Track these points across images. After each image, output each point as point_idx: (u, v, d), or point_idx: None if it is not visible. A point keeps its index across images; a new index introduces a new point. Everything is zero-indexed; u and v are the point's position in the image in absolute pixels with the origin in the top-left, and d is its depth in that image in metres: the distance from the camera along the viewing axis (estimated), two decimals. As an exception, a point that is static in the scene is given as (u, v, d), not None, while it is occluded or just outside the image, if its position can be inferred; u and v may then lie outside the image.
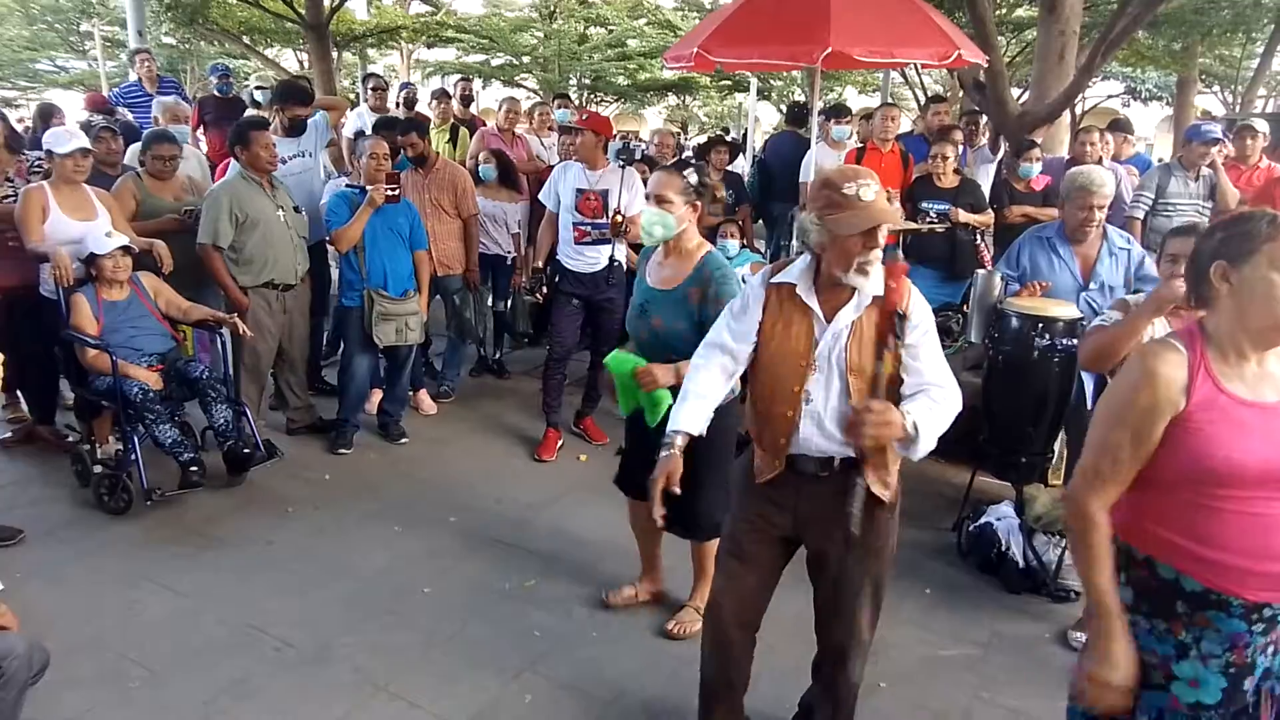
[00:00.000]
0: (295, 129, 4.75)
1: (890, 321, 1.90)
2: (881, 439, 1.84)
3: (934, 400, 1.92)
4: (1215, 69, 17.43)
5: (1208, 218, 4.76)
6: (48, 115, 5.75)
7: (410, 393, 4.86)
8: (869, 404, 1.83)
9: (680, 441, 2.07)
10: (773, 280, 2.07)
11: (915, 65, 7.87)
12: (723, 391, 2.15)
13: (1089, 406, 3.23)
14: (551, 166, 5.53)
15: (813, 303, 2.00)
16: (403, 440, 4.56)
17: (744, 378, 2.18)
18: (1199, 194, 4.91)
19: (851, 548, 2.02)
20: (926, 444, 1.88)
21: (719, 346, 2.12)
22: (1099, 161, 5.16)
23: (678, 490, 2.05)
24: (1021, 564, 3.29)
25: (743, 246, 5.14)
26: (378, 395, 4.72)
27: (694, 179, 2.67)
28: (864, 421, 1.81)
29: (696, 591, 2.95)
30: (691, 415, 2.10)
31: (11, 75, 21.67)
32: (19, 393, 4.54)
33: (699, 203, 2.66)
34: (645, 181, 4.95)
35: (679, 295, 2.63)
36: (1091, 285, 3.51)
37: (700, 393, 2.11)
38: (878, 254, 1.90)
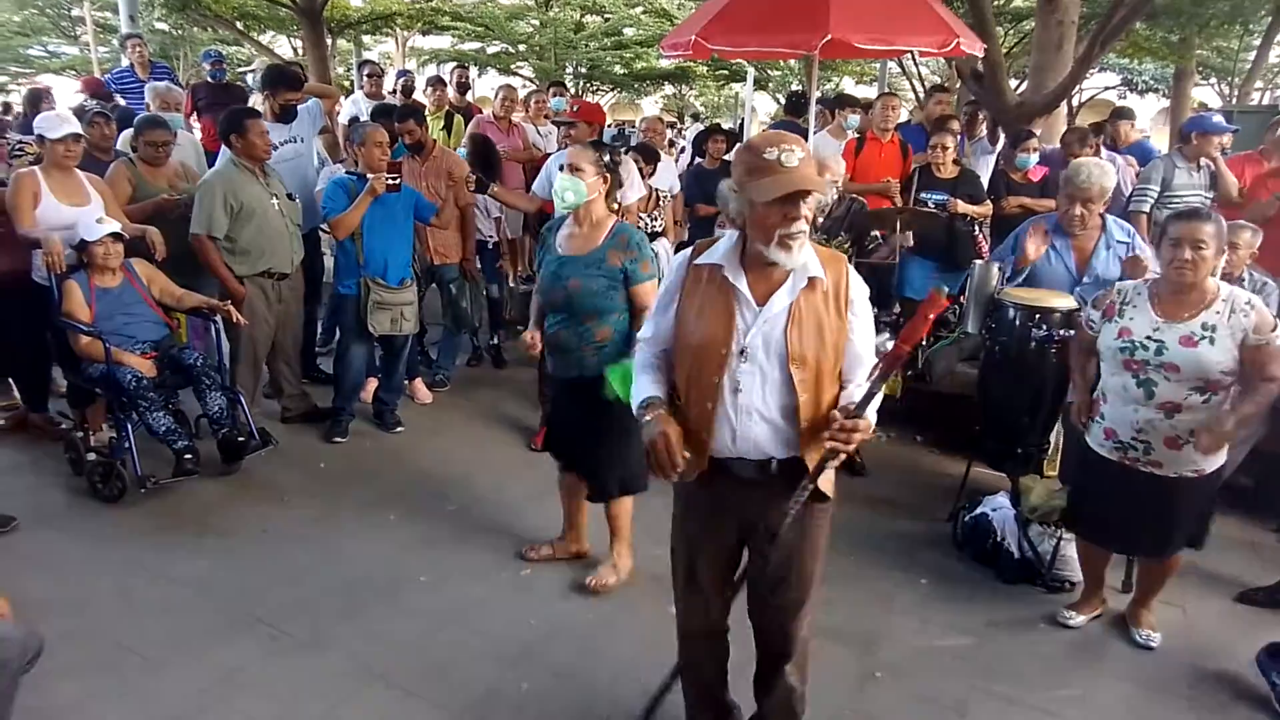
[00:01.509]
0: (286, 115, 4.71)
1: (896, 359, 1.77)
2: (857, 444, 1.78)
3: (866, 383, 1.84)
4: (1212, 61, 17.42)
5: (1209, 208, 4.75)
6: (37, 100, 5.70)
7: (406, 382, 4.85)
8: (844, 421, 1.76)
9: (659, 407, 1.93)
10: (695, 262, 1.93)
11: (913, 55, 7.83)
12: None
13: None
14: (548, 154, 5.51)
15: (740, 284, 1.84)
16: (398, 429, 4.54)
17: None
18: (1202, 184, 4.90)
19: (790, 548, 1.96)
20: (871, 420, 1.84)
21: (651, 340, 2.04)
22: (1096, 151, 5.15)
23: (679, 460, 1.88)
24: (1017, 555, 3.30)
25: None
26: (373, 384, 4.70)
27: (608, 156, 2.88)
28: (850, 439, 1.75)
29: (613, 549, 3.17)
30: (649, 386, 1.98)
31: (2, 60, 21.44)
32: (11, 380, 4.52)
33: (609, 176, 2.86)
34: (641, 172, 4.95)
35: (596, 258, 2.83)
36: (1085, 279, 3.50)
37: (647, 378, 2.02)
38: (801, 226, 1.76)
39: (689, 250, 1.99)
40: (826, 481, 1.93)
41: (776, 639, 2.10)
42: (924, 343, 4.47)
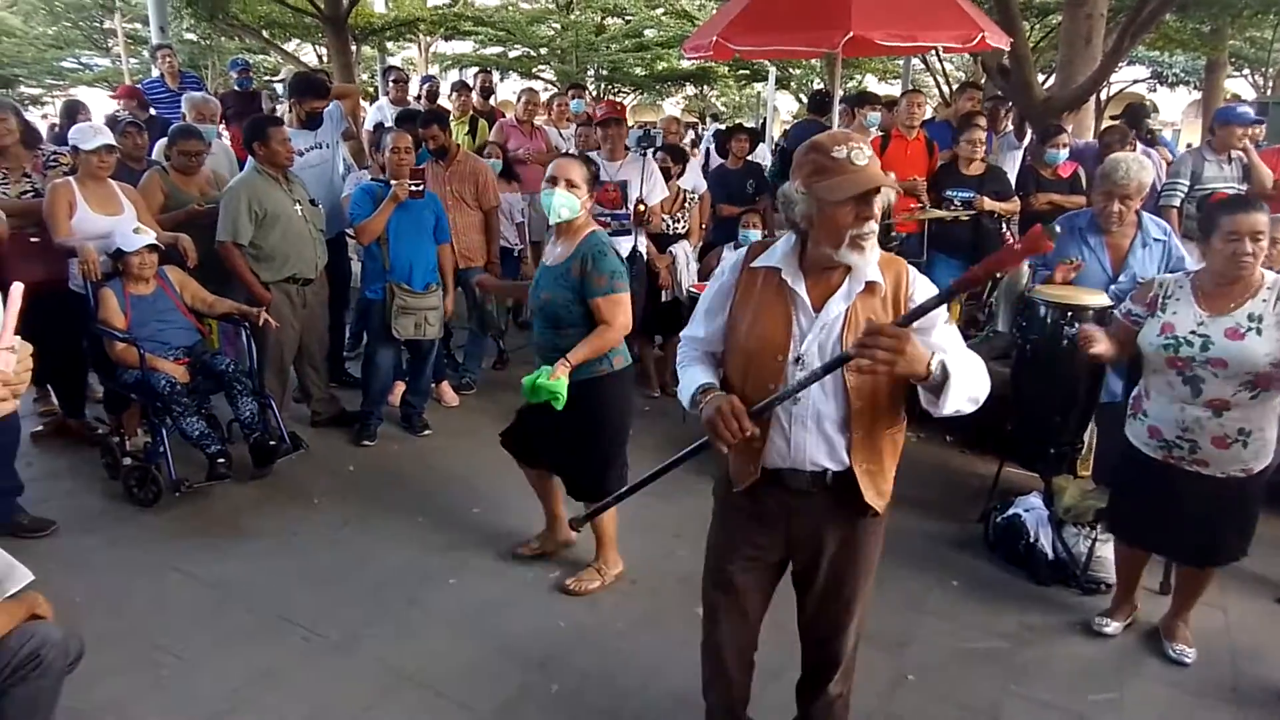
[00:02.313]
0: (311, 122, 4.77)
1: (968, 280, 1.63)
2: (896, 367, 1.57)
3: (964, 359, 1.70)
4: (1245, 51, 17.07)
5: None
6: (74, 112, 5.82)
7: (433, 385, 4.88)
8: (881, 325, 1.58)
9: (716, 390, 1.84)
10: (752, 264, 1.87)
11: (938, 51, 7.75)
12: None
13: (1121, 400, 3.18)
14: (571, 157, 5.51)
15: (800, 288, 1.79)
16: (425, 432, 4.58)
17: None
18: (1233, 176, 4.80)
19: (840, 565, 1.92)
20: (956, 397, 1.65)
21: (699, 341, 1.98)
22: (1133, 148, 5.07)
23: (751, 430, 1.74)
24: (1051, 556, 3.25)
25: (764, 236, 5.11)
26: (400, 388, 4.74)
27: (591, 167, 2.94)
28: (875, 343, 1.54)
29: (599, 554, 3.19)
30: (702, 375, 1.89)
31: (38, 73, 21.95)
32: (49, 386, 4.61)
33: (594, 192, 2.96)
34: (664, 171, 4.94)
35: (563, 269, 2.87)
36: (1121, 277, 3.43)
37: (697, 370, 1.93)
38: (873, 225, 1.70)
39: (743, 252, 1.93)
40: (879, 496, 1.87)
41: (823, 651, 2.05)
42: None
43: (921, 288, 1.81)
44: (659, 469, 2.04)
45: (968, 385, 1.68)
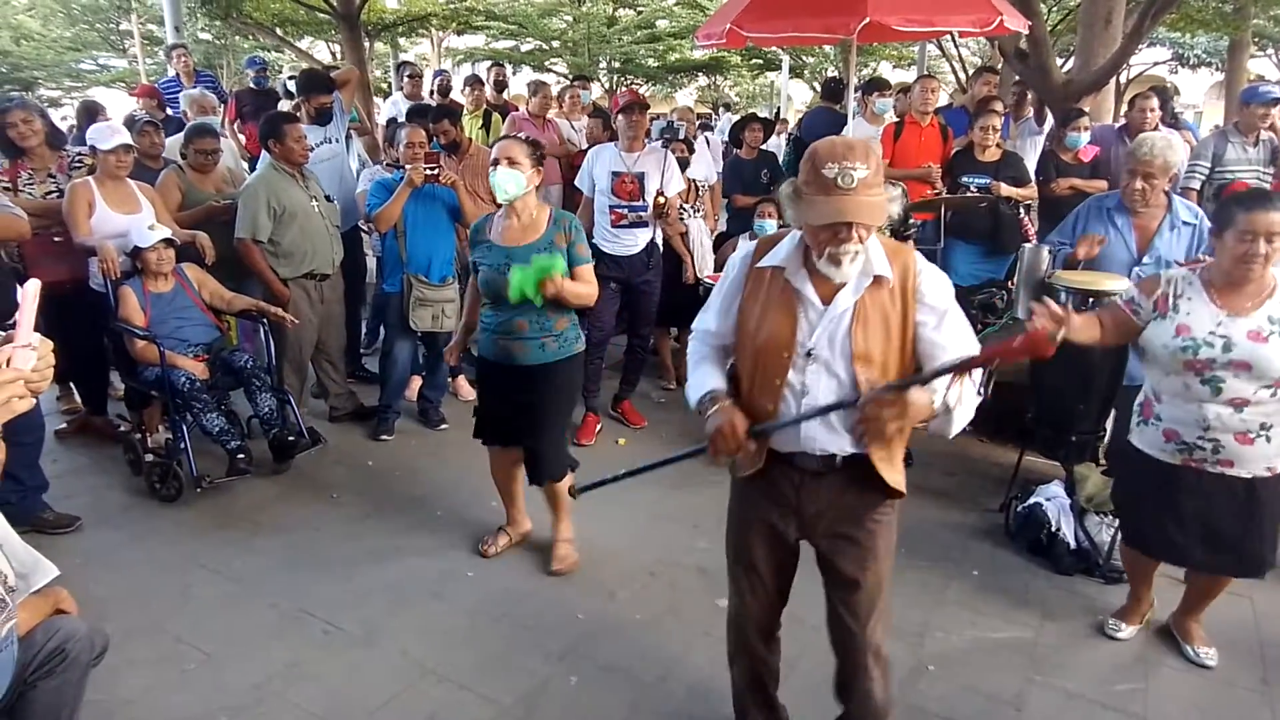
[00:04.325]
0: (321, 117, 4.80)
1: (967, 365, 1.71)
2: (905, 429, 1.73)
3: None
4: (1269, 30, 16.74)
5: (1269, 185, 4.56)
6: (92, 112, 5.87)
7: (450, 379, 4.89)
8: (874, 397, 1.68)
9: (723, 399, 1.89)
10: (758, 264, 1.89)
11: (954, 35, 7.65)
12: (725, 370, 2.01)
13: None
14: (582, 150, 5.50)
15: (805, 288, 1.81)
16: (443, 426, 4.59)
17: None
18: (1259, 159, 4.70)
19: (862, 548, 1.92)
20: (961, 419, 1.77)
21: (710, 334, 2.00)
22: (1155, 128, 4.99)
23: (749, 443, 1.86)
24: (1072, 545, 3.22)
25: (780, 225, 5.07)
26: (417, 382, 4.76)
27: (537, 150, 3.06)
28: (877, 418, 1.68)
29: (558, 526, 3.27)
30: (711, 378, 1.95)
31: (56, 75, 22.22)
32: (72, 384, 4.67)
33: (541, 168, 3.04)
34: (682, 162, 4.90)
35: (545, 242, 2.97)
36: (1146, 259, 3.37)
37: (708, 369, 1.98)
38: (849, 247, 1.71)
39: (751, 248, 1.95)
40: (897, 476, 1.90)
41: (852, 643, 2.02)
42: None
43: (928, 279, 1.83)
44: (663, 460, 2.13)
45: (969, 404, 1.78)
